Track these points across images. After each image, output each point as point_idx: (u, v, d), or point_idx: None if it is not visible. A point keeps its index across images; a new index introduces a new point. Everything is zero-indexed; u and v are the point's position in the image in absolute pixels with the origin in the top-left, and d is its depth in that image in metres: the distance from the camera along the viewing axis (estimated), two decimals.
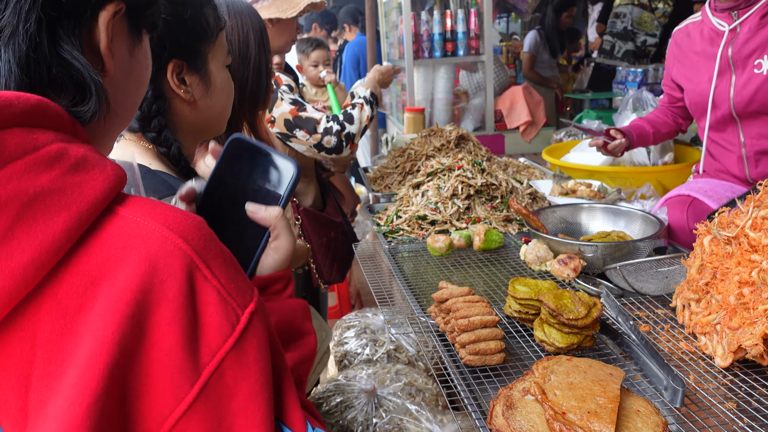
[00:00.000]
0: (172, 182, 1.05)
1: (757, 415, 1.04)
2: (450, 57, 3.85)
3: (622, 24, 4.86)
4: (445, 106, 3.99)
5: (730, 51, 1.93)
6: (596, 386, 1.02)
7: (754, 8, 1.87)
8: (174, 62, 1.06)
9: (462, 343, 1.25)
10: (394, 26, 4.41)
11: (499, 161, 2.71)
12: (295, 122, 2.13)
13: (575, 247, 1.64)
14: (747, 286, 1.17)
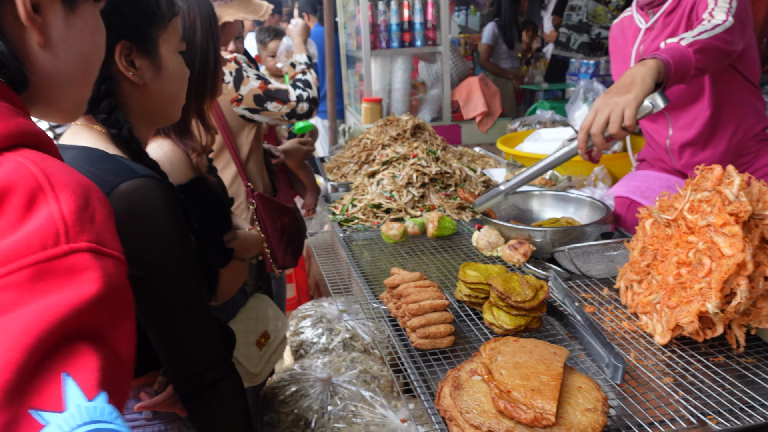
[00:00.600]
0: (131, 165, 1.03)
1: (692, 388, 1.09)
2: (407, 48, 3.86)
3: (577, 16, 4.94)
4: (403, 97, 4.00)
5: (641, 49, 1.98)
6: (541, 365, 1.05)
7: (663, 7, 1.92)
8: (122, 44, 1.04)
9: (412, 327, 1.26)
10: (351, 16, 4.39)
11: (455, 150, 2.73)
12: (266, 95, 2.16)
13: (525, 232, 1.67)
14: (685, 266, 1.22)
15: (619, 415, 1.04)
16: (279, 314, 1.77)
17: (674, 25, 1.90)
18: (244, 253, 1.65)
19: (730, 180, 1.17)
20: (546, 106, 3.72)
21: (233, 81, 2.10)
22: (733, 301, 1.12)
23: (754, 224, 1.15)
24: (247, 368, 1.57)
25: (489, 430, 0.95)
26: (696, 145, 1.98)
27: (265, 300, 1.75)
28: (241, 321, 1.64)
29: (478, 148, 3.05)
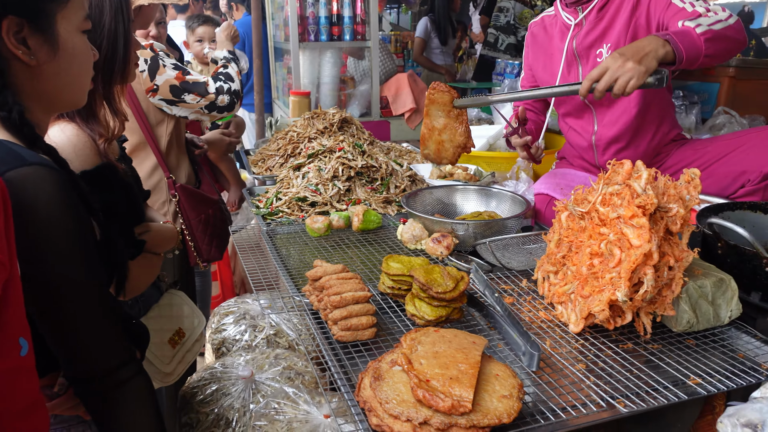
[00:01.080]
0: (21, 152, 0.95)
1: (603, 374, 1.13)
2: (336, 41, 3.82)
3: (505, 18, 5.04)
4: (332, 91, 3.97)
5: (575, 43, 2.05)
6: (459, 354, 1.06)
7: (593, 2, 2.01)
8: (10, 19, 0.95)
9: (334, 320, 1.24)
10: (279, 7, 4.31)
11: (382, 145, 2.73)
12: (183, 87, 2.07)
13: (448, 225, 1.69)
14: (597, 257, 1.26)
15: (534, 401, 1.07)
16: (196, 311, 1.71)
17: (608, 19, 1.97)
18: (158, 247, 1.57)
19: (638, 174, 1.23)
20: None
21: (148, 69, 2.01)
22: (640, 289, 1.17)
23: (660, 216, 1.21)
24: (159, 367, 1.50)
25: (408, 419, 0.95)
26: (620, 143, 2.06)
27: (181, 296, 1.68)
28: (153, 318, 1.56)
29: (406, 144, 3.06)
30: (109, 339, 1.02)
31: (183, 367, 1.69)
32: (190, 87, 2.08)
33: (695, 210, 1.61)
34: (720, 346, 1.24)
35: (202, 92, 2.10)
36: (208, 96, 2.11)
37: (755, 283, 1.37)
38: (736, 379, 1.11)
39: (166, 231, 1.61)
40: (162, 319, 1.68)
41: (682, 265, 1.20)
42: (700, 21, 1.67)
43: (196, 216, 2.23)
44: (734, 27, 1.69)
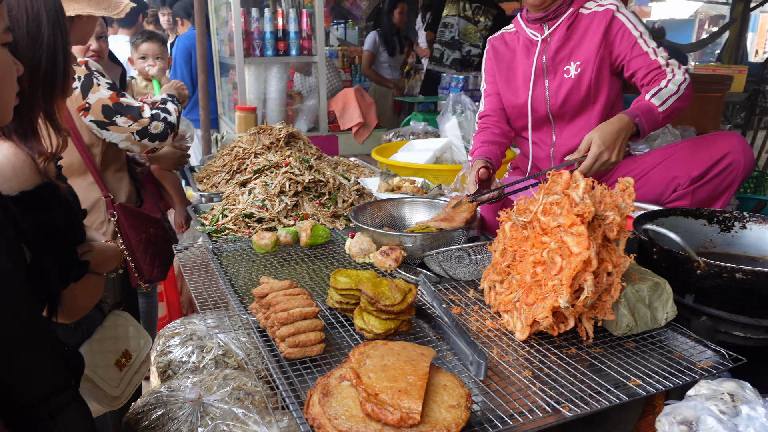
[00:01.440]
0: None
1: (548, 379, 1.16)
2: (282, 56, 3.81)
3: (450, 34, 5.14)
4: (279, 106, 3.95)
5: (544, 59, 2.12)
6: (408, 366, 1.06)
7: (560, 20, 2.08)
8: None
9: (282, 337, 1.22)
10: (224, 22, 4.27)
11: (330, 160, 2.73)
12: (116, 108, 2.00)
13: (396, 238, 1.70)
14: (540, 265, 1.30)
15: (482, 409, 1.08)
16: (141, 332, 1.65)
17: (577, 38, 2.07)
18: (101, 267, 1.52)
19: (576, 184, 1.27)
20: (419, 118, 3.84)
21: (81, 87, 1.94)
22: (581, 295, 1.21)
23: (598, 224, 1.25)
24: (107, 391, 1.44)
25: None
26: None
27: (125, 317, 1.63)
28: (98, 340, 1.51)
29: (354, 158, 3.07)
30: (41, 364, 0.97)
31: (131, 389, 1.63)
32: (124, 109, 2.01)
33: (632, 217, 1.68)
34: (658, 348, 1.29)
35: (135, 116, 2.02)
36: (141, 120, 2.03)
37: (688, 286, 1.43)
38: (673, 378, 1.16)
39: (109, 250, 1.56)
40: (108, 341, 1.61)
41: (620, 271, 1.25)
42: (662, 95, 1.87)
43: (136, 235, 2.17)
44: (685, 95, 1.91)
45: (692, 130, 4.17)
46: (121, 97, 2.01)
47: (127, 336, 1.60)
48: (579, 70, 2.04)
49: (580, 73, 2.04)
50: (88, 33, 2.17)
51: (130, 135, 2.03)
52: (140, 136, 2.04)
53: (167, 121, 2.09)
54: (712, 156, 1.83)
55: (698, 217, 1.71)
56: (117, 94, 2.01)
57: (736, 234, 1.69)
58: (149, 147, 2.09)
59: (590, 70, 2.02)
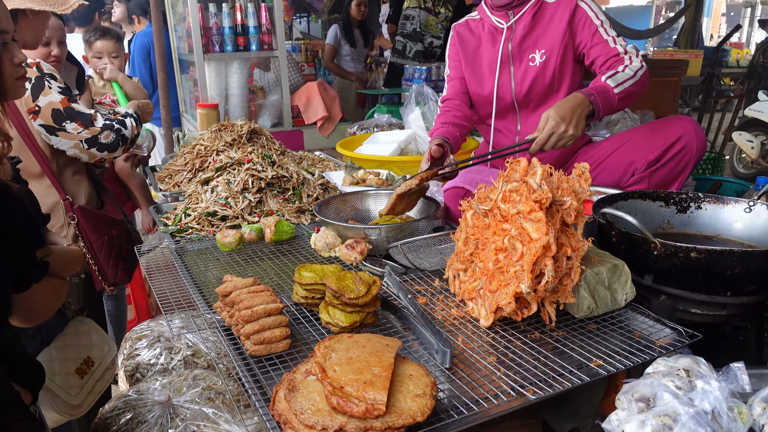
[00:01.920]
0: None
1: (512, 364, 1.17)
2: (243, 52, 3.76)
3: (411, 26, 5.14)
4: (241, 102, 3.90)
5: (510, 46, 2.13)
6: (373, 358, 1.06)
7: (525, 7, 2.10)
8: None
9: (246, 334, 1.21)
10: (181, 18, 4.19)
11: (294, 155, 2.71)
12: (67, 113, 1.94)
13: (361, 231, 1.70)
14: (502, 252, 1.31)
15: (449, 396, 1.09)
16: (105, 338, 1.62)
17: (543, 26, 2.09)
18: (62, 270, 1.48)
19: (534, 171, 1.29)
20: (383, 110, 3.84)
21: (31, 89, 1.89)
22: (542, 280, 1.23)
23: (556, 210, 1.27)
24: (65, 399, 1.41)
25: (323, 427, 0.94)
26: None
27: (89, 323, 1.60)
28: (57, 348, 1.47)
29: (319, 152, 3.06)
30: None
31: (93, 397, 1.60)
32: (75, 115, 1.95)
33: (591, 201, 1.71)
34: (618, 328, 1.32)
35: (86, 123, 1.96)
36: (92, 128, 1.97)
37: (647, 267, 1.47)
38: (633, 357, 1.19)
39: (71, 253, 1.52)
40: (68, 348, 1.58)
41: (579, 255, 1.27)
42: (617, 78, 1.89)
43: (97, 238, 2.12)
44: (641, 81, 1.93)
45: (651, 114, 4.27)
46: (72, 102, 1.96)
47: (90, 343, 1.57)
48: (544, 58, 2.06)
49: (545, 61, 2.06)
50: (38, 32, 2.10)
51: (79, 143, 1.97)
52: (89, 144, 1.98)
53: (120, 133, 2.03)
54: (666, 140, 1.87)
55: (655, 200, 1.75)
56: (69, 99, 1.95)
57: (692, 214, 1.74)
58: (98, 157, 2.03)
59: (555, 58, 2.05)
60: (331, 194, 2.19)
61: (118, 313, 3.20)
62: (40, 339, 1.53)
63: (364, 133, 3.31)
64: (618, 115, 3.94)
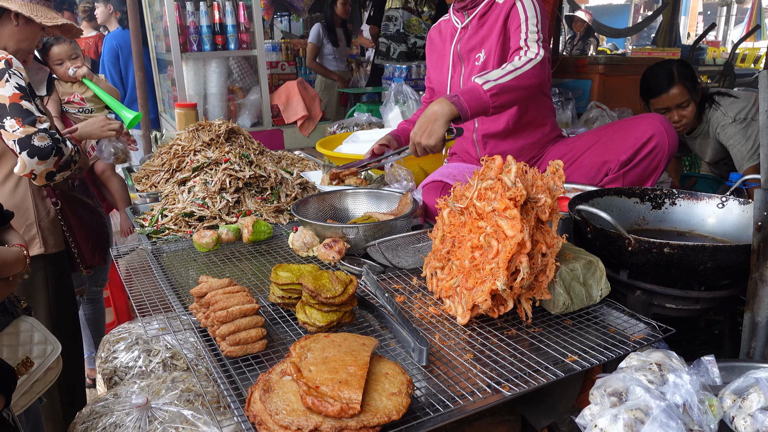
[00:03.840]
0: None
1: (489, 361, 1.18)
2: (221, 50, 3.73)
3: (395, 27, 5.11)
4: (220, 102, 3.87)
5: (459, 47, 2.17)
6: (349, 357, 1.06)
7: (477, 9, 2.13)
8: None
9: (222, 335, 1.21)
10: (159, 17, 4.14)
11: (273, 154, 2.70)
12: (11, 109, 1.82)
13: (339, 230, 1.70)
14: (478, 250, 1.32)
15: (425, 394, 1.09)
16: (49, 337, 1.58)
17: (488, 26, 2.10)
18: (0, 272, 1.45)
19: (509, 168, 1.29)
20: (363, 109, 3.83)
21: None
22: (518, 277, 1.24)
23: (530, 207, 1.28)
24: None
25: (298, 428, 0.94)
26: (498, 138, 2.18)
27: (31, 322, 1.56)
28: None
29: (299, 152, 3.04)
30: None
31: (29, 397, 1.56)
32: (17, 112, 1.82)
33: (568, 198, 1.72)
34: (594, 324, 1.33)
35: (26, 122, 1.82)
36: (28, 128, 1.82)
37: (622, 263, 1.48)
38: (607, 353, 1.20)
39: (8, 254, 1.47)
40: (5, 348, 1.54)
41: (553, 251, 1.28)
42: (489, 76, 1.85)
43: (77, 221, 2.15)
44: (528, 73, 1.88)
45: (629, 112, 4.32)
46: (24, 100, 1.84)
47: (30, 342, 1.54)
48: (485, 57, 2.09)
49: (485, 60, 2.10)
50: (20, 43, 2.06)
51: (13, 143, 1.83)
52: (21, 146, 1.82)
53: (58, 144, 1.88)
54: (638, 140, 1.89)
55: (631, 196, 1.77)
56: (22, 96, 1.85)
57: (666, 210, 1.76)
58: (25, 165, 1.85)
59: (493, 57, 2.07)
60: (309, 194, 2.18)
61: (97, 316, 3.16)
62: None
63: (344, 132, 3.30)
64: (596, 112, 3.97)
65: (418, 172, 2.65)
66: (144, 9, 4.55)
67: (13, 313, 1.54)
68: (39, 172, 1.87)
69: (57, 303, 2.23)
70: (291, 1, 7.30)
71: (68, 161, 1.94)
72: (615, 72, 4.48)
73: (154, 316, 1.66)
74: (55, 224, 2.18)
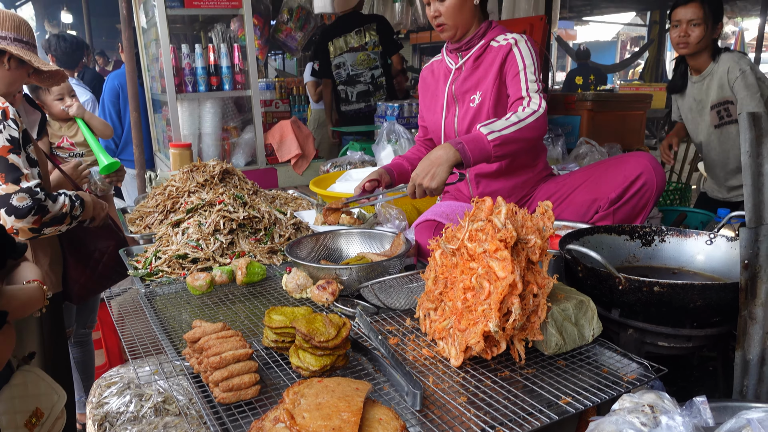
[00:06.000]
0: None
1: (482, 404, 1.18)
2: (216, 91, 3.79)
3: (345, 72, 5.02)
4: (215, 141, 3.91)
5: (453, 87, 2.22)
6: (342, 402, 1.06)
7: (471, 51, 2.18)
8: None
9: (215, 382, 1.20)
10: (154, 59, 4.22)
11: (267, 194, 2.72)
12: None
13: (332, 271, 1.70)
14: (470, 291, 1.33)
15: None
16: (54, 386, 1.57)
17: (483, 69, 2.16)
18: (19, 312, 1.44)
19: (498, 210, 1.31)
20: (356, 147, 3.88)
21: None
22: (510, 318, 1.24)
23: (521, 248, 1.29)
24: None
25: None
26: (490, 178, 2.22)
27: (36, 372, 1.55)
28: (5, 401, 1.42)
29: (292, 191, 3.07)
30: None
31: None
32: (3, 167, 1.80)
33: (559, 236, 1.74)
34: (587, 364, 1.33)
35: (8, 178, 1.80)
36: (11, 186, 1.80)
37: (613, 301, 1.49)
38: (601, 394, 1.20)
39: (28, 292, 1.48)
40: (15, 400, 1.52)
41: (545, 292, 1.29)
42: (494, 126, 1.91)
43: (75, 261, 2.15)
44: (531, 126, 1.94)
45: (618, 147, 4.39)
46: (13, 153, 1.83)
47: (38, 393, 1.52)
48: (480, 100, 2.14)
49: (480, 103, 2.14)
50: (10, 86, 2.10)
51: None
52: (1, 202, 1.79)
53: (40, 202, 1.83)
54: (626, 178, 1.93)
55: (621, 233, 1.79)
56: (11, 149, 1.83)
57: (656, 247, 1.78)
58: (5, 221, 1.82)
59: (488, 99, 2.12)
60: (303, 234, 2.19)
61: (85, 359, 3.12)
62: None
63: (338, 171, 3.33)
64: (585, 148, 4.04)
65: (411, 210, 2.67)
66: (140, 50, 4.64)
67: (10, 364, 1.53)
68: (18, 228, 1.84)
69: (51, 346, 2.22)
70: (284, 41, 7.43)
71: (58, 217, 1.91)
72: (603, 108, 4.57)
73: (146, 359, 1.65)
74: (53, 266, 2.17)
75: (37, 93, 3.02)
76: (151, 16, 3.94)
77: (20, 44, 2.07)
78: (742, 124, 1.34)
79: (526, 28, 4.12)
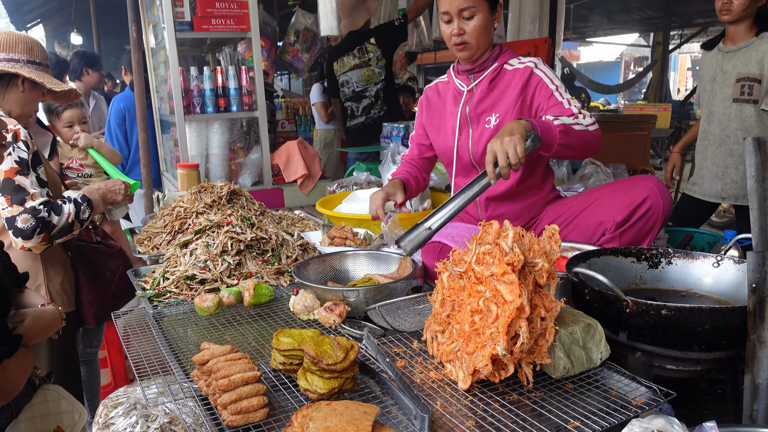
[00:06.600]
0: None
1: (491, 429, 1.17)
2: (223, 113, 3.83)
3: (350, 89, 5.07)
4: (222, 162, 3.94)
5: (468, 109, 2.23)
6: (350, 426, 1.06)
7: (485, 73, 2.20)
8: None
9: (223, 404, 1.20)
10: (163, 80, 4.27)
11: (274, 215, 2.73)
12: (3, 185, 1.84)
13: (339, 293, 1.71)
14: (477, 314, 1.33)
15: None
16: (75, 404, 1.58)
17: (500, 90, 2.18)
18: (37, 337, 1.46)
19: (506, 233, 1.32)
20: (362, 168, 3.90)
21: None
22: (518, 341, 1.25)
23: (528, 271, 1.30)
24: None
25: None
26: (500, 199, 2.23)
27: (57, 390, 1.56)
28: (26, 420, 1.43)
29: (299, 211, 3.08)
30: None
31: None
32: (8, 189, 1.83)
33: (566, 257, 1.75)
34: (595, 388, 1.33)
35: (14, 200, 1.84)
36: (16, 207, 1.83)
37: (621, 324, 1.49)
38: (609, 418, 1.19)
39: (48, 315, 1.49)
40: (37, 419, 1.53)
41: (552, 315, 1.29)
42: (561, 119, 1.94)
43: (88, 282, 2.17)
44: (591, 133, 1.99)
45: (623, 168, 4.40)
46: (20, 175, 1.86)
47: (60, 411, 1.53)
48: (498, 121, 2.15)
49: (498, 124, 2.15)
50: (25, 107, 2.14)
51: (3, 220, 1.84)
52: (8, 225, 1.85)
53: (43, 220, 1.87)
54: (632, 201, 1.93)
55: (627, 256, 1.80)
56: (19, 171, 1.86)
57: (663, 270, 1.78)
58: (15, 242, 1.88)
59: (507, 121, 2.13)
60: (310, 255, 2.21)
61: (91, 378, 3.12)
62: (10, 411, 1.49)
63: (344, 191, 3.35)
64: (591, 168, 4.05)
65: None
66: (149, 72, 4.70)
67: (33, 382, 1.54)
68: (30, 246, 1.89)
69: (63, 365, 2.22)
70: (291, 62, 7.52)
71: (65, 228, 1.95)
72: (608, 129, 4.60)
73: (152, 379, 1.66)
74: (65, 286, 2.19)
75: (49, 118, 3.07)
76: (160, 39, 4.01)
77: (33, 66, 2.11)
78: (747, 148, 1.35)
79: (530, 50, 4.16)
